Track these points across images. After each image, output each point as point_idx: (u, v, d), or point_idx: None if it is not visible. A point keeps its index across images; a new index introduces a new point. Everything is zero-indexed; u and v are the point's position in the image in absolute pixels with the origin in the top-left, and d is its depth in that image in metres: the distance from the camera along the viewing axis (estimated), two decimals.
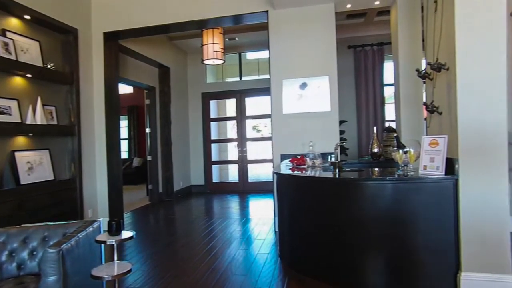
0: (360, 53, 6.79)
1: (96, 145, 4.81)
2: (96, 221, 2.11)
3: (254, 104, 8.05)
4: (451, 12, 2.44)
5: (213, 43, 5.20)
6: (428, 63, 2.73)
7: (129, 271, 1.97)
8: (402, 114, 3.91)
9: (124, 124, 10.82)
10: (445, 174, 2.43)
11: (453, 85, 2.42)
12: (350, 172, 3.28)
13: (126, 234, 2.03)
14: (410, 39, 3.86)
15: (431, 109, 2.69)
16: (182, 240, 4.30)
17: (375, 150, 3.86)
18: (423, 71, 2.86)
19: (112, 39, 4.88)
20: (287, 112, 4.20)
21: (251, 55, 8.11)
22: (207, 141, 7.90)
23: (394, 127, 4.07)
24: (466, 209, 2.39)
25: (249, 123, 8.09)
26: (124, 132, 10.86)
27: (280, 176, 3.35)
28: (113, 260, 2.01)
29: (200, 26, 4.99)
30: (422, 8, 3.65)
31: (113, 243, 1.93)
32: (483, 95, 2.33)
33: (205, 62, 5.44)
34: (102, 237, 1.99)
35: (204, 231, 4.54)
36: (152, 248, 3.89)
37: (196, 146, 7.90)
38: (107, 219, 3.92)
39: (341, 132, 6.42)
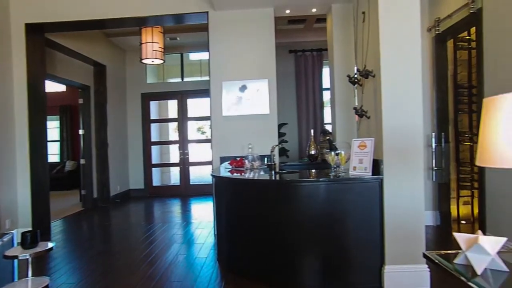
0: (301, 57, 7.00)
1: (16, 149, 4.36)
2: (7, 233, 1.90)
3: (197, 106, 7.91)
4: (376, 24, 2.60)
5: (152, 42, 5.01)
6: (357, 70, 2.89)
7: (46, 287, 1.80)
8: (337, 117, 4.10)
9: (55, 125, 10.00)
10: (372, 175, 2.58)
11: (378, 91, 2.58)
12: (286, 173, 3.36)
13: (43, 245, 1.85)
14: (343, 46, 4.06)
15: (360, 113, 2.85)
16: (116, 247, 4.06)
17: (312, 152, 3.99)
18: (354, 77, 3.02)
19: (36, 31, 4.47)
20: (226, 114, 4.18)
21: (193, 56, 7.97)
22: (147, 143, 7.59)
23: (331, 130, 4.26)
24: (389, 207, 2.56)
25: (191, 125, 7.93)
26: (55, 133, 10.03)
27: (217, 179, 3.31)
28: (27, 276, 1.82)
29: (139, 23, 4.78)
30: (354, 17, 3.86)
31: (27, 257, 1.75)
32: (403, 101, 2.52)
33: (144, 61, 5.22)
34: (13, 251, 1.79)
35: (142, 237, 4.34)
36: (82, 258, 3.62)
37: (135, 149, 7.55)
38: (30, 229, 3.56)
39: (282, 134, 6.58)
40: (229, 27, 4.23)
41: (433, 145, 4.07)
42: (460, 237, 1.34)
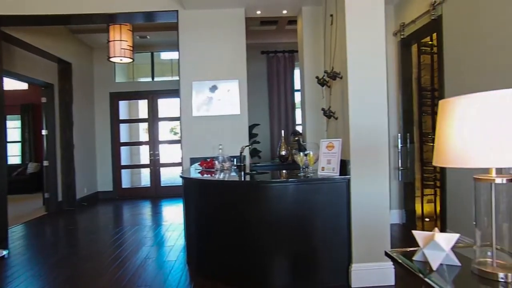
0: (273, 59, 7.05)
1: None
2: None
3: (168, 106, 7.77)
4: (343, 26, 2.65)
5: (121, 40, 4.87)
6: (325, 71, 2.93)
7: None
8: (307, 118, 4.15)
9: (16, 124, 9.50)
10: (340, 175, 2.63)
11: (345, 93, 2.64)
12: (256, 174, 3.36)
13: None
14: (313, 48, 4.11)
15: (328, 114, 2.89)
16: (82, 252, 3.91)
17: (283, 153, 4.01)
18: (322, 79, 3.06)
19: None
20: (197, 114, 4.12)
21: (165, 55, 7.83)
22: (116, 144, 7.37)
23: (301, 131, 4.30)
24: (356, 206, 2.62)
25: (162, 125, 7.78)
26: (16, 134, 9.53)
27: (186, 180, 3.26)
28: None
29: (107, 20, 4.63)
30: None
31: None
32: (369, 103, 2.59)
33: (111, 59, 5.06)
34: None
35: (109, 241, 4.20)
36: (44, 265, 3.46)
37: (104, 150, 7.31)
38: None
39: (254, 135, 6.59)
40: (200, 27, 4.18)
41: (399, 145, 4.21)
42: (418, 235, 1.38)
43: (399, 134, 4.23)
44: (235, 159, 3.52)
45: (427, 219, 4.34)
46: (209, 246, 2.98)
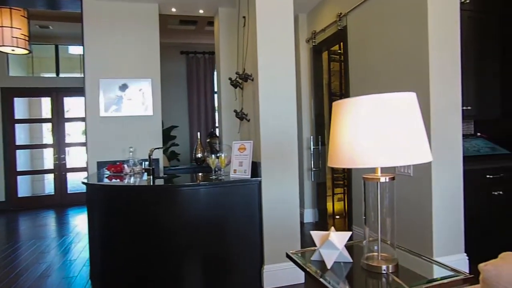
0: (193, 59, 6.88)
1: None
2: None
3: (77, 105, 7.08)
4: (254, 29, 2.66)
5: (12, 27, 4.25)
6: (236, 73, 2.92)
7: None
8: (223, 120, 4.11)
9: None
10: (251, 177, 2.62)
11: (256, 95, 2.64)
12: (168, 178, 3.20)
13: None
14: (229, 50, 4.09)
15: (241, 116, 2.88)
16: None
17: (199, 155, 3.89)
18: (235, 80, 3.04)
19: None
20: (104, 115, 3.79)
21: (74, 50, 7.12)
22: (11, 147, 6.44)
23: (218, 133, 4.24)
24: (267, 208, 2.64)
25: (70, 126, 7.05)
26: None
27: (89, 187, 2.96)
28: None
29: None
30: None
31: None
32: (279, 105, 2.63)
33: (0, 49, 4.40)
34: None
35: None
36: None
37: None
38: None
39: (173, 137, 6.35)
40: (108, 20, 3.85)
41: (312, 147, 4.42)
42: (315, 235, 1.40)
43: (312, 137, 4.44)
44: (143, 163, 3.31)
45: (337, 217, 4.62)
46: (116, 258, 2.73)
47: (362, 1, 3.27)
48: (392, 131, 1.16)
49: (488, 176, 2.89)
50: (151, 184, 2.74)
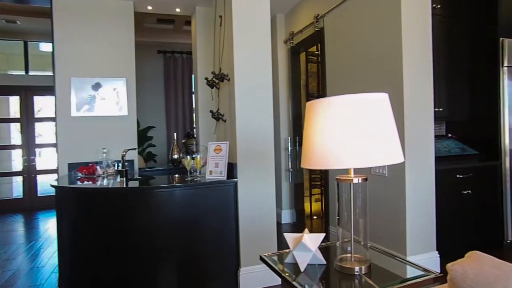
0: (170, 59, 6.77)
1: None
2: None
3: (49, 104, 6.80)
4: (230, 29, 2.63)
5: None
6: (212, 73, 2.88)
7: None
8: (200, 120, 4.05)
9: None
10: (227, 178, 2.59)
11: (232, 95, 2.61)
12: (143, 180, 3.12)
13: None
14: (206, 49, 4.03)
15: (217, 116, 2.84)
16: None
17: (175, 156, 3.83)
18: (212, 80, 3.00)
19: None
20: (76, 115, 3.66)
21: (46, 47, 6.84)
22: None
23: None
24: (243, 209, 2.61)
25: (41, 127, 6.77)
26: None
27: (59, 190, 2.83)
28: None
29: None
30: None
31: None
32: (255, 106, 2.61)
33: None
34: None
35: None
36: None
37: None
38: None
39: (150, 138, 6.22)
40: (81, 16, 3.72)
41: (289, 148, 4.42)
42: (289, 237, 1.39)
43: (289, 137, 4.45)
44: (116, 164, 3.21)
45: (315, 217, 4.65)
46: (86, 264, 2.63)
47: (339, 3, 3.31)
48: (365, 132, 1.15)
49: (458, 176, 2.97)
50: (124, 186, 2.66)
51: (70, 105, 3.66)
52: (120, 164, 2.94)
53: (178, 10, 4.26)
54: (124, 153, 2.83)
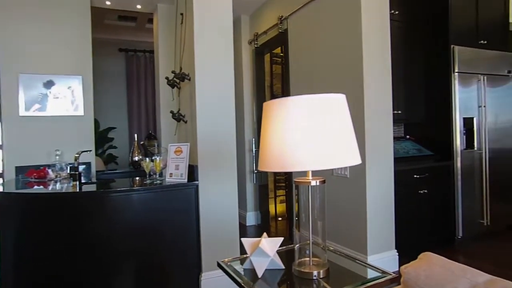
0: (132, 58, 6.54)
1: None
2: None
3: None
4: (191, 27, 2.55)
5: None
6: (172, 72, 2.79)
7: None
8: (162, 121, 3.92)
9: None
10: (188, 181, 2.50)
11: (193, 95, 2.53)
12: (98, 183, 2.96)
13: None
14: (168, 48, 3.91)
15: (178, 117, 2.75)
16: None
17: (136, 159, 3.67)
18: (172, 80, 2.90)
19: None
20: (25, 114, 3.41)
21: None
22: None
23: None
24: (204, 213, 2.54)
25: None
26: None
27: (2, 195, 2.61)
28: None
29: None
30: None
31: None
32: (217, 107, 2.55)
33: None
34: None
35: None
36: None
37: None
38: None
39: (110, 139, 5.96)
40: (30, 7, 3.46)
41: (253, 149, 4.39)
42: (246, 242, 1.35)
43: (253, 139, 4.42)
44: (68, 167, 3.02)
45: (280, 219, 4.65)
46: (33, 278, 2.43)
47: (302, 6, 3.32)
48: (321, 134, 1.13)
49: (415, 176, 3.07)
50: (77, 190, 2.50)
51: (18, 103, 3.40)
52: (69, 167, 2.76)
53: (139, 6, 4.10)
54: (78, 155, 2.66)
